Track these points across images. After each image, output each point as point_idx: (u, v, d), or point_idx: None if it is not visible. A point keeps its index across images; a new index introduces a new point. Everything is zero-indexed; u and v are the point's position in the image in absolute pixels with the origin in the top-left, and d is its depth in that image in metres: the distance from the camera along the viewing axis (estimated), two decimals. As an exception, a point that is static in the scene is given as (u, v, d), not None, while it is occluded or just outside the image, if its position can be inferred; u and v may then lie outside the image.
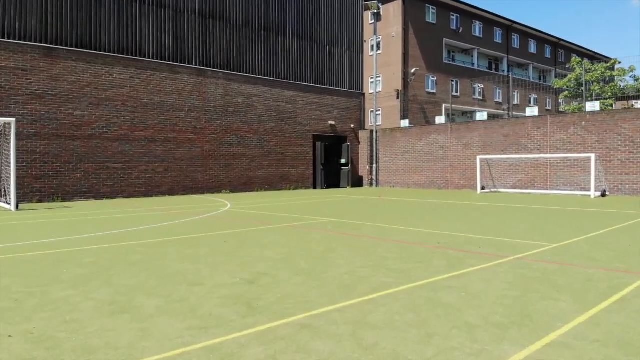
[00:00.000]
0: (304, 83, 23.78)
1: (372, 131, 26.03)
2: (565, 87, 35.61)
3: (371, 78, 34.21)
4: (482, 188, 20.32)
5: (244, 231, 8.84)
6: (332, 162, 25.52)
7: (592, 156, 17.34)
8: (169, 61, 19.20)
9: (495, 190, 20.57)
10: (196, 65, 19.98)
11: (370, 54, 35.26)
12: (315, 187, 24.19)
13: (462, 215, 11.28)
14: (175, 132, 19.19)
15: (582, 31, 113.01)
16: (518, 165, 20.19)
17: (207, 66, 20.30)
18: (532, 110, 20.15)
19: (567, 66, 53.90)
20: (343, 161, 25.41)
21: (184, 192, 19.35)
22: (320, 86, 24.55)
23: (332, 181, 25.42)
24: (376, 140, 25.62)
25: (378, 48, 37.23)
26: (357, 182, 26.15)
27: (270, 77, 22.43)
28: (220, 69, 20.70)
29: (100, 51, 17.50)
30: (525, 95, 47.02)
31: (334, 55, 25.34)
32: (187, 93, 19.55)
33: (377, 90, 35.70)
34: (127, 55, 18.12)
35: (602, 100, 31.64)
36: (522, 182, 20.11)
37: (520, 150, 20.09)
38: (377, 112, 36.41)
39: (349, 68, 26.14)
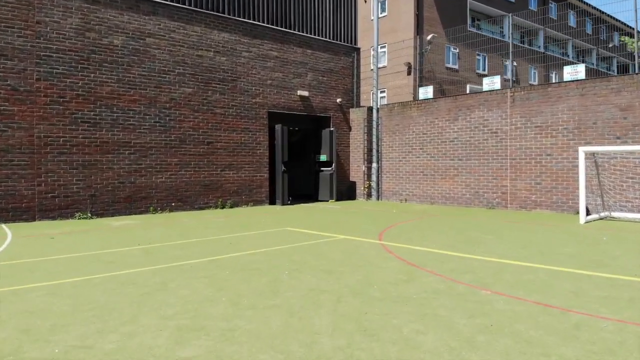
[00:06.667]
0: (251, 21, 13.88)
1: (370, 108, 16.21)
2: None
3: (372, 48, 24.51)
4: (587, 212, 10.35)
5: None
6: (303, 159, 16.08)
7: None
8: (-48, -49, 9.43)
9: (607, 215, 10.62)
10: (17, -36, 10.17)
11: (371, 18, 25.96)
12: (273, 202, 14.34)
13: None
14: (-40, 96, 9.42)
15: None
16: (653, 165, 10.32)
17: (43, -31, 10.48)
18: (685, 58, 10.24)
19: (609, 45, 44.47)
20: (323, 157, 15.61)
21: (-20, 220, 9.57)
22: (283, 30, 14.65)
23: (303, 191, 16.04)
24: (378, 124, 15.79)
25: (382, 9, 27.95)
26: (347, 193, 16.33)
27: (182, 3, 12.57)
28: (74, -22, 10.88)
29: None
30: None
31: (307, -18, 15.44)
32: (-8, 18, 9.76)
33: (382, 65, 26.29)
34: None
35: None
36: (663, 200, 10.21)
37: (658, 136, 10.23)
38: (382, 94, 26.78)
39: (334, 5, 16.24)
